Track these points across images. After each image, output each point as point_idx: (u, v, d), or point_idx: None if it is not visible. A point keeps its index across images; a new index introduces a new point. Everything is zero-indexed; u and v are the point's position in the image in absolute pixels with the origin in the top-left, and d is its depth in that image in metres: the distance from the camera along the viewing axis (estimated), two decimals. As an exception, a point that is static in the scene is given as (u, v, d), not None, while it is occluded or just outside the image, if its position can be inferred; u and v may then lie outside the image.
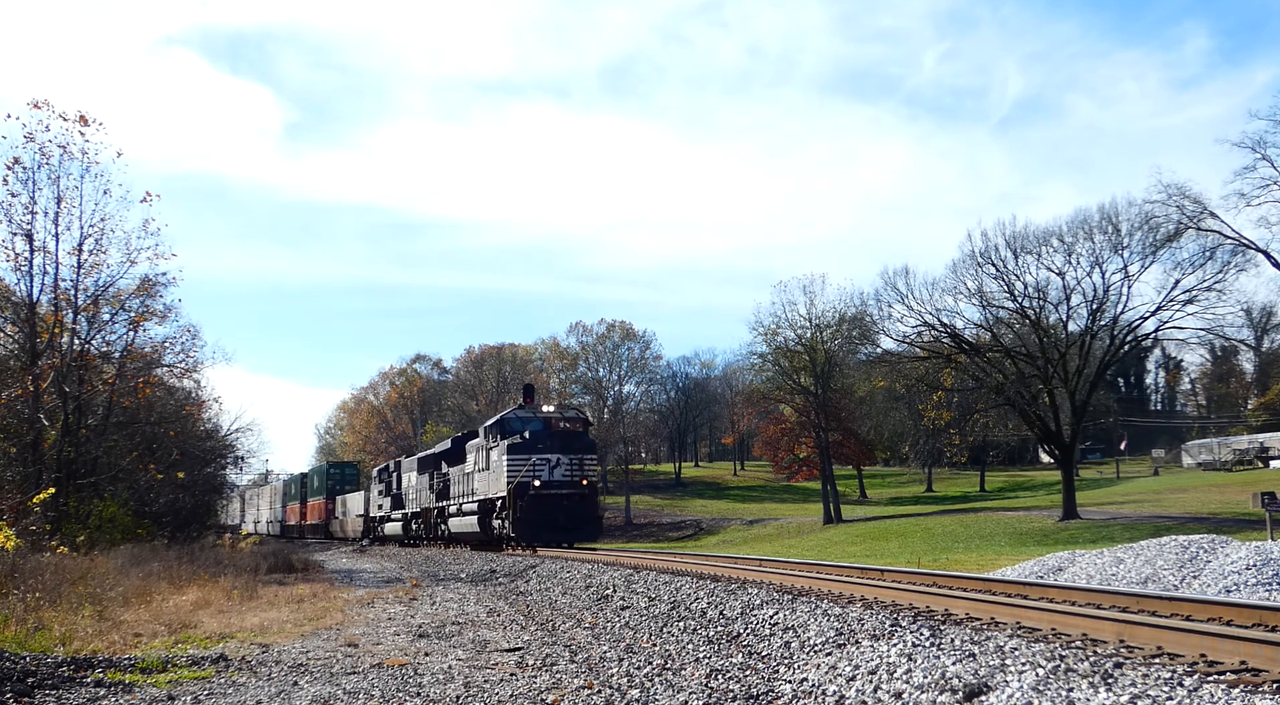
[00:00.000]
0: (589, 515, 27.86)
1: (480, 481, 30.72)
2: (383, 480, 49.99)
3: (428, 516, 38.80)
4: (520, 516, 27.10)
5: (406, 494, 43.66)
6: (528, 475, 27.27)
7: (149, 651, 10.52)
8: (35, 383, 27.33)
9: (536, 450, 27.39)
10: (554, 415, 29.24)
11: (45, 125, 27.38)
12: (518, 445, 27.75)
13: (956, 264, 45.69)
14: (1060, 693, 5.27)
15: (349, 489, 63.19)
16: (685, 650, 9.14)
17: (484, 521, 30.11)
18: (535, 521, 27.06)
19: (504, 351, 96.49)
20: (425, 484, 39.23)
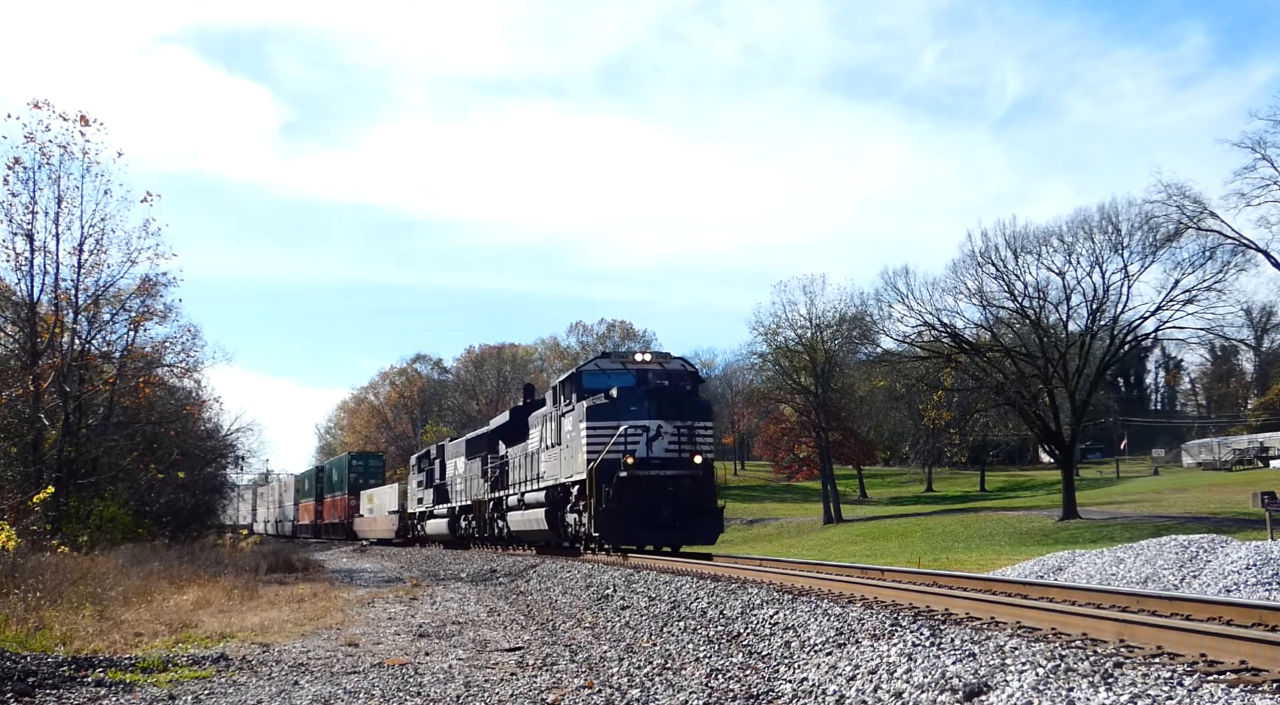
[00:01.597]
0: (704, 506, 20.14)
1: (548, 462, 23.54)
2: (422, 469, 42.31)
3: (480, 511, 31.27)
4: (606, 508, 19.80)
5: (452, 484, 36.44)
6: (616, 449, 19.87)
7: (150, 651, 10.53)
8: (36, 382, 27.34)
9: (628, 414, 20.06)
10: (650, 365, 21.75)
11: (45, 125, 27.40)
12: (601, 408, 20.33)
13: (956, 264, 45.77)
14: (1060, 692, 5.28)
15: (374, 482, 57.66)
16: (685, 650, 9.15)
17: (553, 516, 23.16)
18: (627, 514, 19.67)
19: (504, 351, 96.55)
20: (476, 470, 31.90)
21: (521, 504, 25.97)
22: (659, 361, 22.02)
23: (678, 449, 20.07)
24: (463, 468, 34.52)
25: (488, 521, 30.49)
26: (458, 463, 35.42)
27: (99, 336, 31.52)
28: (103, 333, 31.73)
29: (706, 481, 20.25)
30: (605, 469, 19.85)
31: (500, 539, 29.75)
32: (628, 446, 19.88)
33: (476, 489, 32.15)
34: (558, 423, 22.72)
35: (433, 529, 39.18)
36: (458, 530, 35.42)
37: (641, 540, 20.55)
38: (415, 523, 43.12)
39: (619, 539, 20.39)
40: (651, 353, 22.64)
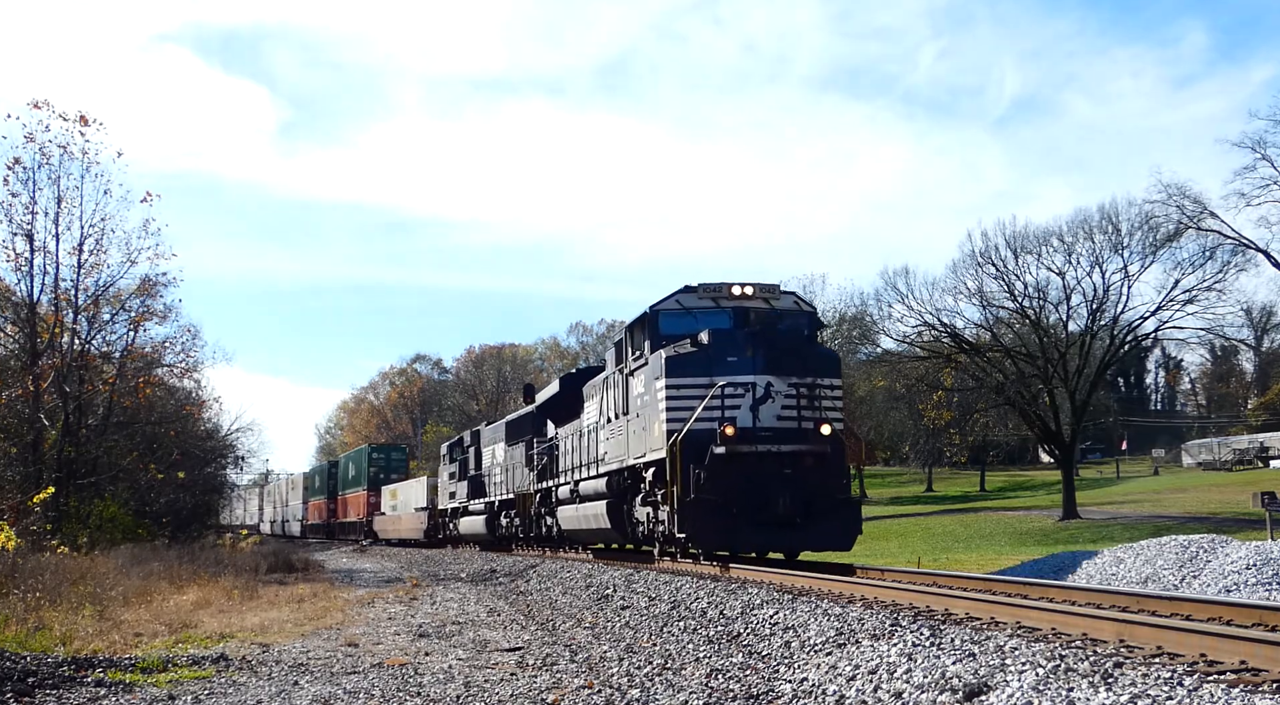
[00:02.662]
0: (834, 495, 14.97)
1: (610, 440, 18.34)
2: (454, 459, 37.51)
3: (525, 506, 26.58)
4: (695, 498, 14.49)
5: (490, 474, 31.51)
6: (709, 416, 14.67)
7: (149, 651, 10.53)
8: (35, 383, 27.37)
9: (724, 367, 14.94)
10: (753, 301, 16.22)
11: (45, 125, 27.49)
12: (686, 360, 15.25)
13: (956, 264, 45.78)
14: (1060, 692, 5.28)
15: (397, 476, 52.46)
16: (685, 650, 9.15)
17: (617, 510, 18.13)
18: (724, 507, 14.42)
19: (504, 351, 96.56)
20: (518, 458, 27.47)
21: (575, 496, 21.00)
22: (765, 295, 16.20)
23: (796, 415, 14.78)
24: (502, 455, 29.85)
25: (534, 518, 25.77)
26: (496, 450, 30.70)
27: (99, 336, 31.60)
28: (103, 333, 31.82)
29: (837, 462, 15.02)
30: (693, 444, 14.60)
31: (549, 539, 25.02)
32: (725, 412, 14.61)
33: (519, 479, 27.24)
34: (623, 386, 17.54)
35: (467, 528, 33.98)
36: (497, 529, 30.30)
37: (744, 543, 15.37)
38: (447, 520, 38.33)
39: (712, 541, 15.04)
40: (754, 284, 16.27)
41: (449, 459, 38.83)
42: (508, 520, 29.15)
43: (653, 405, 15.84)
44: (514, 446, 28.32)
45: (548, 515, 24.48)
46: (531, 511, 25.88)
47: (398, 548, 43.69)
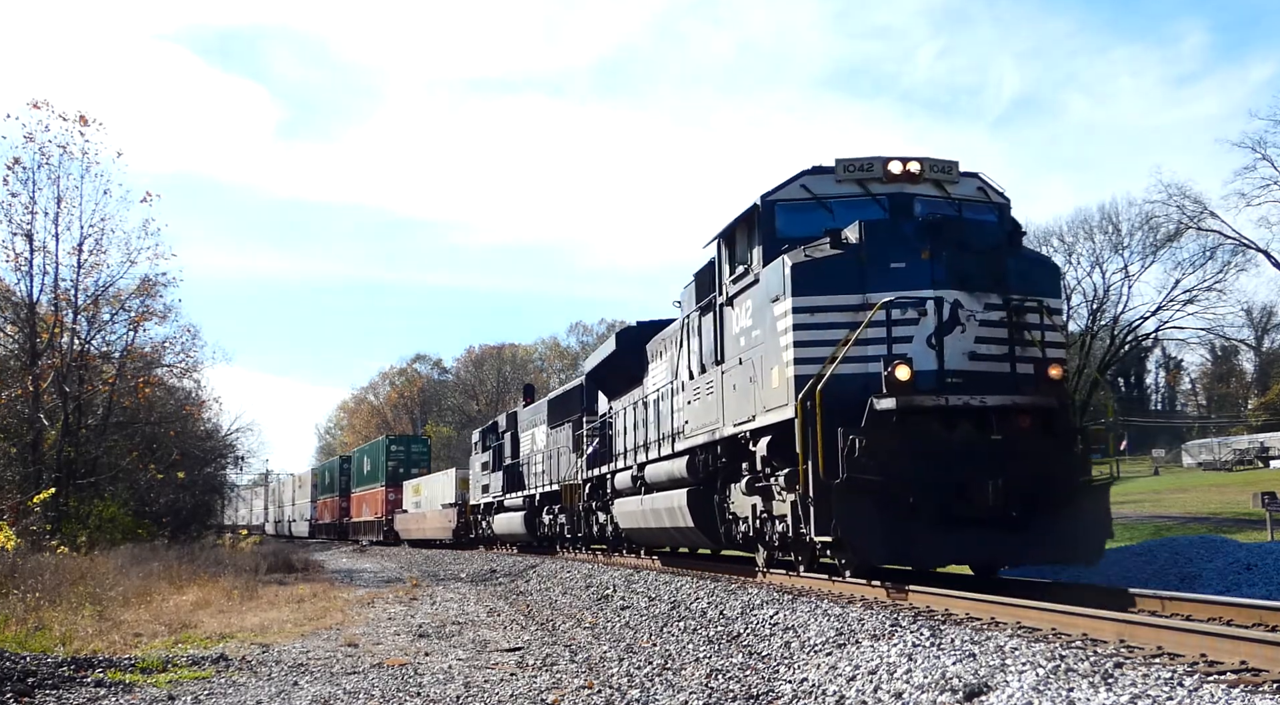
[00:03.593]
0: (1069, 476, 10.19)
1: (694, 403, 13.98)
2: (487, 446, 33.30)
3: (571, 498, 22.60)
4: (846, 479, 9.74)
5: (529, 463, 27.40)
6: (861, 354, 10.29)
7: (149, 651, 10.53)
8: (35, 383, 27.37)
9: (884, 276, 10.43)
10: (920, 184, 11.35)
11: (45, 125, 27.54)
12: (824, 267, 10.71)
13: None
14: (1060, 692, 5.28)
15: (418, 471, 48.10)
16: (685, 650, 9.15)
17: (702, 502, 13.85)
18: (894, 494, 9.80)
19: (504, 351, 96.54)
20: (563, 441, 23.71)
21: (638, 484, 16.93)
22: (937, 176, 11.26)
23: (1004, 351, 10.22)
24: (543, 440, 25.72)
25: (582, 514, 21.91)
26: (536, 434, 26.69)
27: (99, 336, 31.62)
28: (102, 333, 31.84)
29: (1068, 424, 10.41)
30: (838, 397, 9.87)
31: (604, 540, 21.09)
32: (892, 346, 10.03)
33: (564, 467, 23.21)
34: (713, 324, 13.08)
35: (503, 526, 29.70)
36: (538, 528, 26.29)
37: (930, 554, 10.04)
38: (479, 518, 34.29)
39: (876, 548, 9.92)
40: (920, 159, 11.25)
41: (481, 446, 34.05)
42: (550, 517, 24.99)
43: (768, 341, 11.11)
44: (558, 429, 24.14)
45: (600, 510, 20.61)
46: (579, 506, 21.95)
47: (398, 548, 43.56)
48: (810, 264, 10.69)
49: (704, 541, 14.91)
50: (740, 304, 12.24)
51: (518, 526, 27.81)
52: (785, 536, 11.43)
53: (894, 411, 9.90)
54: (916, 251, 10.36)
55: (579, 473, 21.99)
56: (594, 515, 21.44)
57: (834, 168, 11.46)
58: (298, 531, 66.69)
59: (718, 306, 13.03)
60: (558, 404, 25.05)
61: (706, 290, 13.77)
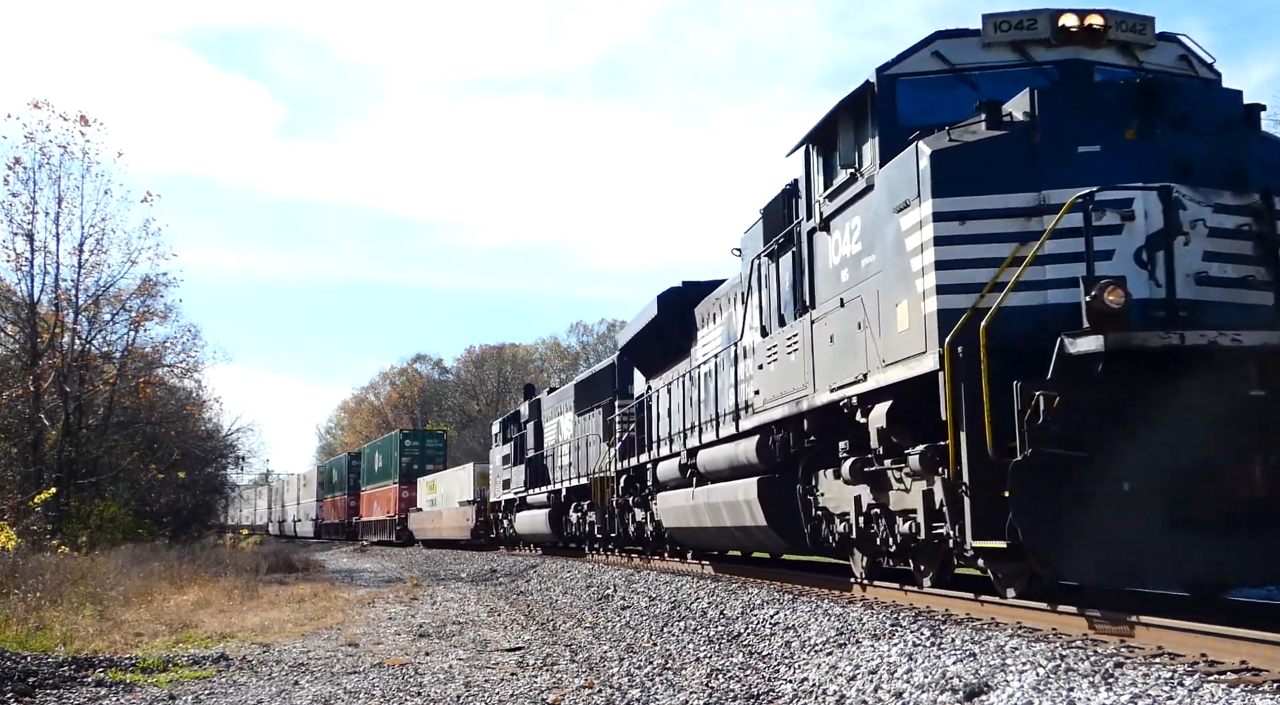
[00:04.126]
0: None
1: (769, 368, 11.48)
2: (508, 437, 30.78)
3: (602, 493, 19.94)
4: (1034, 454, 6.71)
5: (554, 454, 25.38)
6: (1039, 280, 7.36)
7: (150, 651, 10.54)
8: (36, 383, 27.41)
9: (1069, 164, 7.40)
10: (1102, 50, 8.37)
11: (46, 125, 27.64)
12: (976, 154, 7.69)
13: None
14: (1061, 692, 5.28)
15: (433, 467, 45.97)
16: (686, 650, 9.15)
17: (784, 494, 11.37)
18: (1106, 478, 6.62)
19: (504, 351, 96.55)
20: (592, 429, 21.79)
21: (687, 474, 14.47)
22: (1124, 35, 8.49)
23: (1260, 272, 7.47)
24: (570, 428, 23.78)
25: (615, 512, 19.54)
26: (562, 422, 24.57)
27: (99, 336, 31.66)
28: (103, 333, 31.89)
29: None
30: (1006, 338, 7.30)
31: (642, 541, 18.64)
32: (1092, 264, 7.24)
33: (594, 458, 20.99)
34: (798, 258, 10.51)
35: (526, 525, 27.33)
36: (565, 527, 24.02)
37: (1165, 568, 6.98)
38: (500, 516, 31.62)
39: (1084, 561, 7.01)
40: (1101, 11, 8.49)
41: (501, 438, 31.47)
42: (579, 515, 22.60)
43: (890, 268, 8.40)
44: (586, 415, 22.17)
45: (638, 507, 18.13)
46: (612, 502, 19.36)
47: (399, 548, 43.54)
48: (958, 151, 7.66)
49: (779, 544, 12.00)
50: (842, 225, 9.27)
51: (541, 526, 25.24)
52: (911, 538, 8.65)
53: (1101, 356, 6.76)
54: (1118, 128, 7.45)
55: (611, 464, 19.37)
56: (629, 513, 18.83)
57: (979, 29, 8.53)
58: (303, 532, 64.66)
59: (804, 236, 10.15)
60: (586, 388, 22.97)
61: (782, 222, 10.93)
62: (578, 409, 23.50)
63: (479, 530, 34.21)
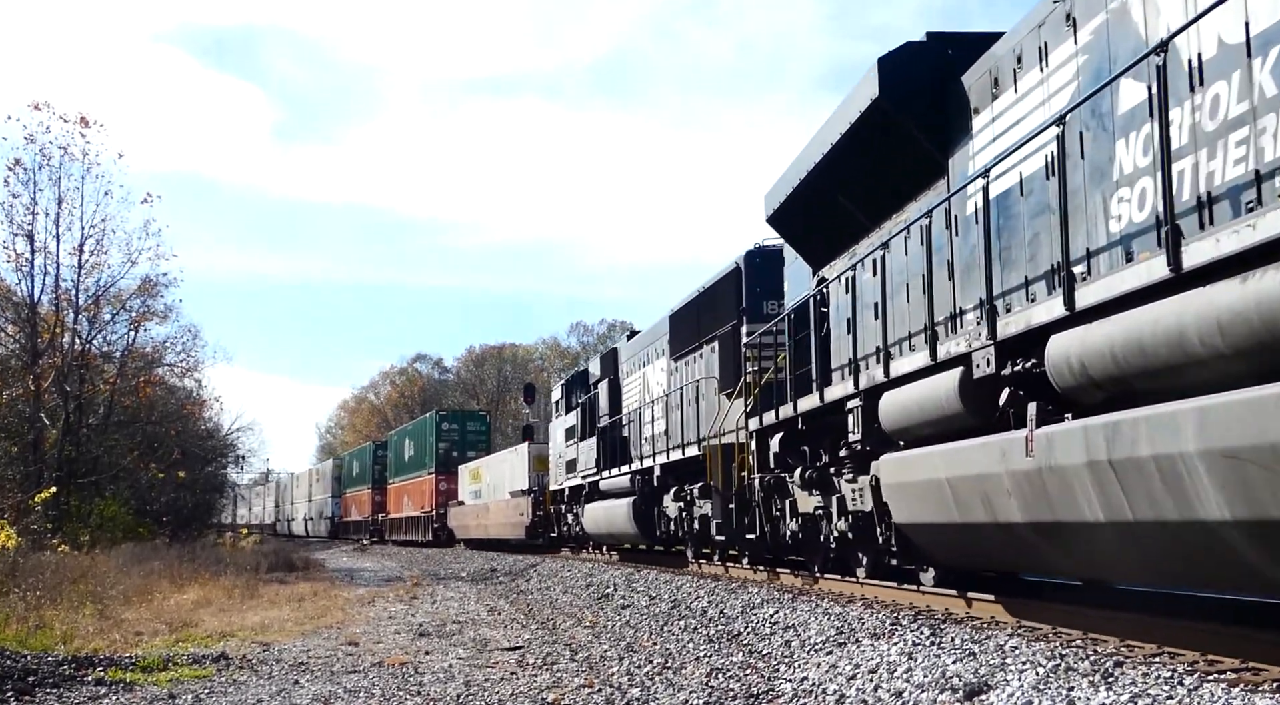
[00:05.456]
0: None
1: None
2: (573, 405, 24.04)
3: (726, 469, 14.03)
4: None
5: (638, 421, 19.11)
6: None
7: (150, 650, 10.54)
8: (36, 382, 27.41)
9: None
10: None
11: (46, 127, 27.63)
12: None
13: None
14: (1061, 691, 5.28)
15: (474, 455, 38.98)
16: (686, 649, 9.15)
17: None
18: None
19: (504, 351, 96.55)
20: (703, 371, 15.87)
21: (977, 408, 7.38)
22: None
23: None
24: (662, 381, 17.87)
25: (752, 498, 12.95)
26: (648, 377, 18.75)
27: (99, 336, 31.63)
28: (103, 333, 31.87)
29: None
30: None
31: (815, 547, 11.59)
32: None
33: (708, 417, 15.16)
34: None
35: (598, 521, 20.65)
36: (657, 524, 17.72)
37: None
38: (563, 508, 25.42)
39: None
40: None
41: (564, 405, 24.74)
42: (682, 505, 15.99)
43: None
44: (689, 358, 16.47)
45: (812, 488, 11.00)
46: (748, 483, 12.99)
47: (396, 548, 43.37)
48: None
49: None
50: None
51: (622, 522, 18.53)
52: None
53: None
54: None
55: (734, 421, 13.57)
56: (771, 500, 12.16)
57: None
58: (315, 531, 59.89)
59: None
60: (686, 319, 16.47)
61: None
62: (674, 351, 17.17)
63: (536, 527, 27.65)
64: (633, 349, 20.77)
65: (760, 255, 15.01)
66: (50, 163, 27.99)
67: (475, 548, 33.72)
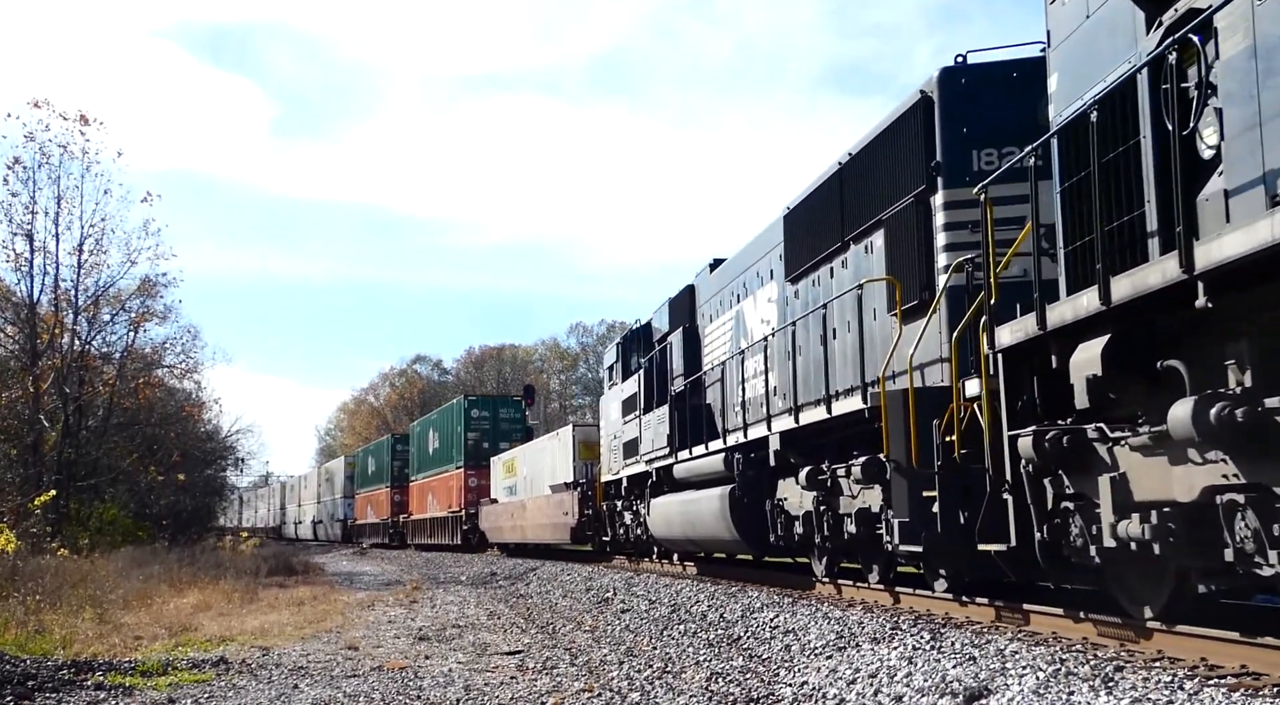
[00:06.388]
0: None
1: None
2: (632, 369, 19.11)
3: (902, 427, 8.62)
4: None
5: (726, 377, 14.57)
6: None
7: (149, 654, 10.54)
8: (35, 384, 27.40)
9: None
10: None
11: (45, 125, 27.64)
12: None
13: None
14: (1061, 696, 5.28)
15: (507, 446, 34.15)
16: (685, 653, 9.15)
17: None
18: None
19: (504, 352, 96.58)
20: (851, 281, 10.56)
21: None
22: None
23: None
24: (772, 317, 13.02)
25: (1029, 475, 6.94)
26: (746, 313, 14.04)
27: (99, 337, 31.64)
28: (103, 333, 31.87)
29: None
30: None
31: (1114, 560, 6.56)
32: None
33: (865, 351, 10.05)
34: None
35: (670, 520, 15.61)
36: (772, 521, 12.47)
37: None
38: (620, 505, 20.12)
39: None
40: None
41: (620, 370, 19.91)
42: (817, 495, 11.00)
43: None
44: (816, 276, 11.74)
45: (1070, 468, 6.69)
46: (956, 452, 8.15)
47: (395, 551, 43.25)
48: None
49: None
50: None
51: (709, 521, 13.46)
52: None
53: None
54: None
55: (940, 349, 9.04)
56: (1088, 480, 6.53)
57: None
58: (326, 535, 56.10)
59: None
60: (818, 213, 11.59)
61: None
62: (793, 268, 12.13)
63: (584, 528, 22.97)
64: (719, 281, 15.37)
65: (971, 74, 9.34)
66: (50, 161, 28.04)
67: (512, 554, 29.50)
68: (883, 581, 10.36)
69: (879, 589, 6.82)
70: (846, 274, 11.14)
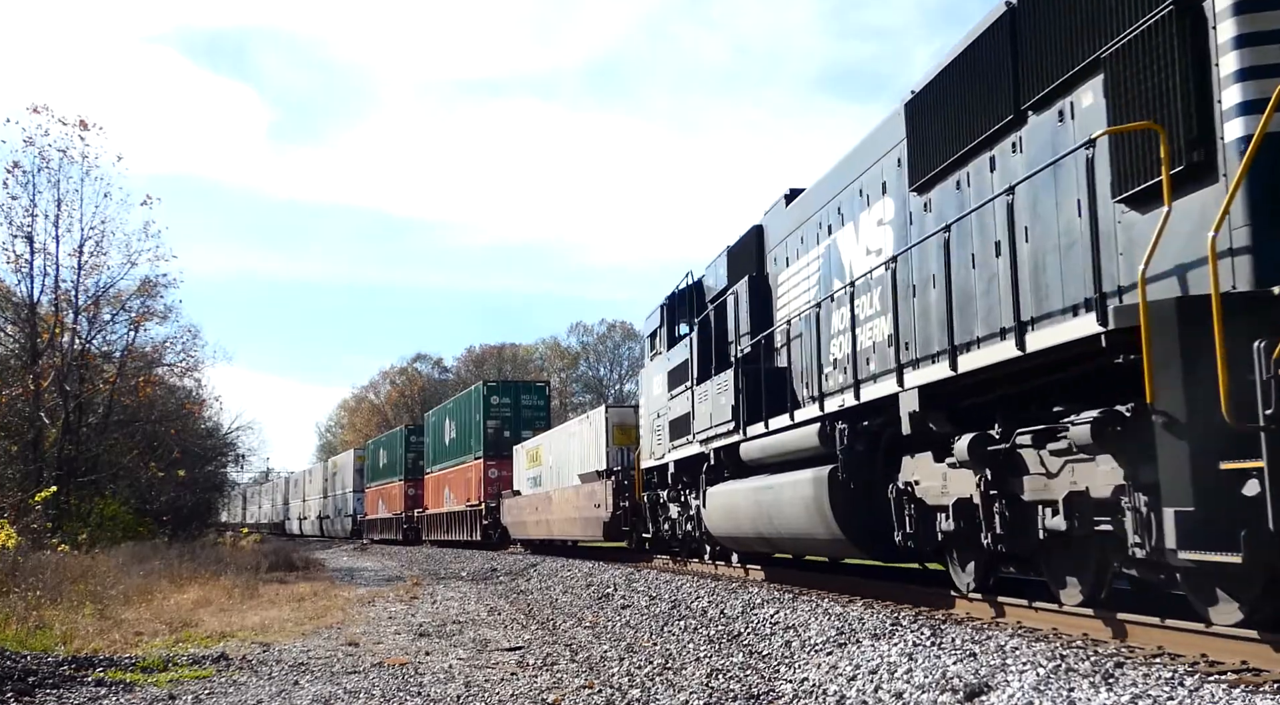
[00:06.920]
0: None
1: None
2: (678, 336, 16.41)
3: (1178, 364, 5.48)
4: None
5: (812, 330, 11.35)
6: None
7: (150, 650, 10.54)
8: (36, 382, 27.42)
9: None
10: None
11: (45, 130, 27.65)
12: None
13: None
14: (1061, 692, 5.28)
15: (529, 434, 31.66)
16: (686, 649, 9.15)
17: None
18: None
19: (504, 351, 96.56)
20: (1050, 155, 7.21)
21: None
22: None
23: None
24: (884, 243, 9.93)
25: None
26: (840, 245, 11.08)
27: (99, 336, 31.65)
28: (103, 333, 31.89)
29: None
30: None
31: None
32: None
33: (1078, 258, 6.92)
34: None
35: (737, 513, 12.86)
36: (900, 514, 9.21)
37: None
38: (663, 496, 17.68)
39: None
40: None
41: (664, 337, 17.20)
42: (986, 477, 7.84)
43: None
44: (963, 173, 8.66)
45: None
46: None
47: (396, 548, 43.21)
48: None
49: None
50: None
51: (796, 513, 10.96)
52: None
53: None
54: None
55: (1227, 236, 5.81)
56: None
57: None
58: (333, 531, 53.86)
59: None
60: (969, 81, 8.53)
61: None
62: (920, 173, 9.33)
63: (618, 523, 20.35)
64: (799, 214, 12.51)
65: None
66: (49, 166, 28.04)
67: (538, 552, 26.84)
68: (1091, 602, 7.36)
69: (1085, 615, 5.09)
70: (1017, 161, 7.88)
